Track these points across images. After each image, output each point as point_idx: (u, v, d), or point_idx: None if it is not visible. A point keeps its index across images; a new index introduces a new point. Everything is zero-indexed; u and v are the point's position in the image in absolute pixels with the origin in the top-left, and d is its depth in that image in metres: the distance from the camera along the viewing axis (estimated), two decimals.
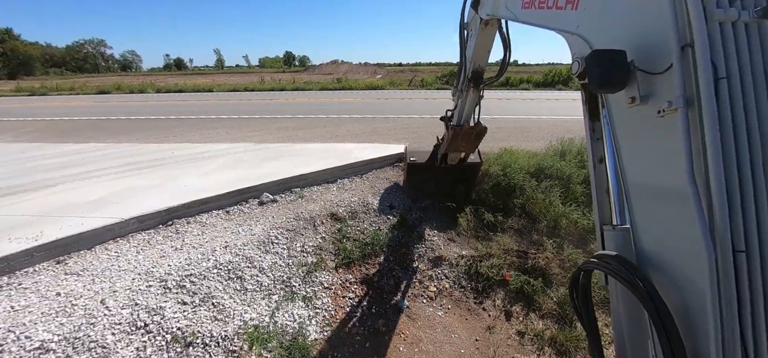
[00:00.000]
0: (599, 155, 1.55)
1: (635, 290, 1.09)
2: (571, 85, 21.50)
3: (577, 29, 1.39)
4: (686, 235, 1.00)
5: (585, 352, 2.94)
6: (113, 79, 34.26)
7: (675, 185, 1.01)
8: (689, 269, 1.01)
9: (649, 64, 1.06)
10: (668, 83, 1.01)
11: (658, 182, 1.10)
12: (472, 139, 3.85)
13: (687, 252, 1.01)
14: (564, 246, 3.95)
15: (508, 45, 2.83)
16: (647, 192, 1.15)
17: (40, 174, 5.48)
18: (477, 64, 3.16)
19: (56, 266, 3.32)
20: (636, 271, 1.14)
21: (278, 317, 3.03)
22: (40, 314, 2.73)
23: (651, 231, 1.16)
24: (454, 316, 3.34)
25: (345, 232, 4.09)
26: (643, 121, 1.12)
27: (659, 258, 1.13)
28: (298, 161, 5.73)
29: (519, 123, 9.42)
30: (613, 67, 1.09)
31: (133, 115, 11.92)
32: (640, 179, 1.19)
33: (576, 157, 5.48)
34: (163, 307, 2.86)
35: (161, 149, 6.92)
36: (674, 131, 0.99)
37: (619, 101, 1.19)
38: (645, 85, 1.09)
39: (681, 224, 1.02)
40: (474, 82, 3.25)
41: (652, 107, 1.06)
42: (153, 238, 3.81)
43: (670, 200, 1.05)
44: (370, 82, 26.82)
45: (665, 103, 1.00)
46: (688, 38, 0.96)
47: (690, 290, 1.02)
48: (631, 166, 1.22)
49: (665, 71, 1.01)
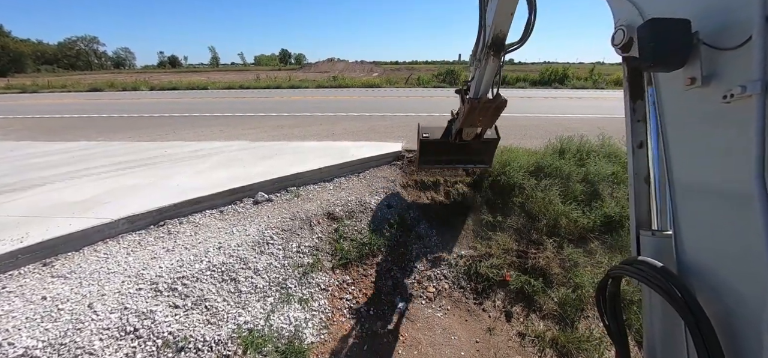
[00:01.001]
0: (639, 140, 1.34)
1: (674, 302, 0.96)
2: (568, 84, 21.57)
3: None
4: (745, 246, 0.86)
5: (586, 354, 2.90)
6: (106, 77, 33.80)
7: (739, 187, 0.86)
8: (743, 283, 0.88)
9: (719, 37, 0.88)
10: (742, 62, 0.83)
11: (715, 182, 0.94)
12: (491, 114, 3.55)
13: (743, 263, 0.87)
14: (564, 245, 3.91)
15: (533, 5, 2.57)
16: (700, 192, 1.00)
17: (27, 173, 5.33)
18: (498, 28, 2.82)
19: (42, 268, 3.21)
20: (676, 280, 1.01)
21: (273, 319, 2.94)
22: (25, 319, 2.62)
23: (699, 237, 1.01)
24: (453, 317, 3.28)
25: (342, 232, 4.01)
26: (703, 107, 0.94)
27: (707, 269, 0.98)
28: (294, 160, 5.63)
29: (517, 121, 9.38)
30: (672, 40, 0.91)
31: (125, 113, 11.72)
32: (690, 177, 1.02)
33: (575, 155, 5.45)
34: (153, 311, 2.76)
35: (154, 148, 6.78)
36: (744, 122, 0.83)
37: (674, 81, 1.01)
38: (710, 64, 0.90)
39: (740, 233, 0.87)
40: (494, 50, 2.92)
41: (716, 91, 0.89)
42: (144, 239, 3.70)
43: (730, 203, 0.90)
44: (366, 81, 26.70)
45: (736, 86, 0.83)
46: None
47: (741, 307, 0.89)
48: (680, 160, 1.05)
49: (740, 47, 0.83)
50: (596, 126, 7.55)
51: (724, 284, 0.93)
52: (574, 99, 14.53)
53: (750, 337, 0.87)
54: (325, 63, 58.55)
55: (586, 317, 3.24)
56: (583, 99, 14.19)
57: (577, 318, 3.19)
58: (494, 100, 3.33)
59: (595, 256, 3.82)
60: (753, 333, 0.86)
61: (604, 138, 5.95)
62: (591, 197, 4.58)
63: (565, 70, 23.15)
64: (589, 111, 11.70)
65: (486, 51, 2.97)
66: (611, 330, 1.35)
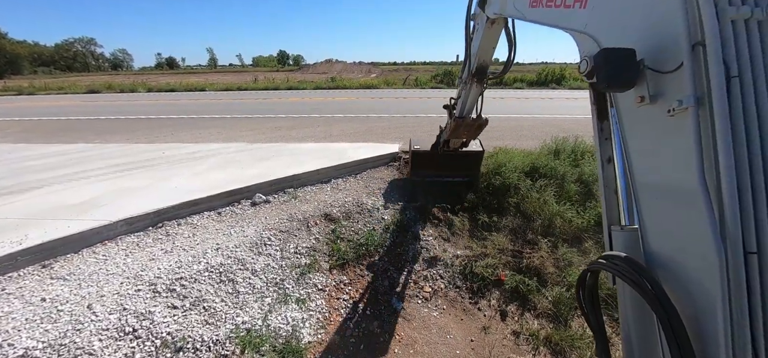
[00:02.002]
0: (607, 155, 1.53)
1: (643, 292, 1.07)
2: (564, 84, 21.66)
3: (585, 28, 1.38)
4: (695, 235, 0.98)
5: (580, 351, 2.94)
6: (103, 79, 33.69)
7: (684, 185, 1.00)
8: (698, 271, 0.99)
9: (659, 63, 1.05)
10: (678, 82, 0.99)
11: (667, 182, 1.08)
12: (474, 130, 3.96)
13: (696, 253, 0.99)
14: (559, 245, 3.95)
15: (513, 44, 2.86)
16: (656, 192, 1.14)
17: (25, 175, 5.34)
18: (482, 59, 3.15)
19: (42, 270, 3.23)
20: (644, 272, 1.12)
21: (271, 319, 2.98)
22: (24, 320, 2.65)
23: (659, 232, 1.15)
24: (449, 316, 3.32)
25: (339, 233, 4.05)
26: (653, 121, 1.11)
27: (668, 259, 1.11)
28: (292, 161, 5.66)
29: (513, 122, 9.45)
30: (622, 66, 1.08)
31: (123, 115, 11.71)
32: (648, 179, 1.17)
33: (570, 156, 5.50)
34: (152, 311, 2.79)
35: (151, 149, 6.80)
36: (684, 131, 0.98)
37: (628, 100, 1.17)
38: (654, 85, 1.07)
39: (690, 224, 1.00)
40: (478, 78, 3.26)
41: (661, 106, 1.05)
42: (142, 240, 3.73)
43: (679, 199, 1.03)
44: (364, 82, 26.74)
45: (675, 102, 0.98)
46: (700, 37, 0.94)
47: (699, 293, 1.00)
48: (639, 166, 1.20)
49: (675, 70, 0.99)
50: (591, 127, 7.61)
51: (684, 273, 1.05)
52: (571, 99, 14.61)
53: (709, 316, 0.97)
54: (323, 64, 58.55)
55: (579, 316, 3.29)
56: (579, 100, 14.26)
57: (570, 317, 3.23)
58: (477, 119, 3.73)
59: (590, 255, 3.87)
60: (709, 312, 0.96)
61: None
62: (585, 197, 4.64)
63: (562, 70, 23.22)
64: (585, 112, 11.73)
65: (470, 77, 3.31)
66: (590, 320, 1.46)
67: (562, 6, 1.54)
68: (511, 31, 2.81)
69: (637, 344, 1.29)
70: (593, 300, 1.42)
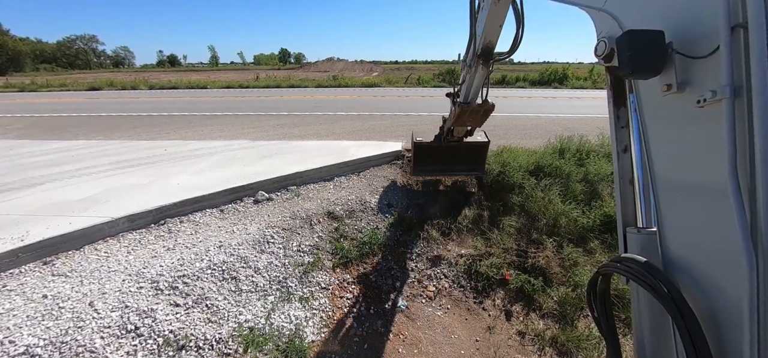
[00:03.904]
0: (624, 144, 1.41)
1: (660, 297, 1.00)
2: (567, 84, 21.58)
3: (604, 5, 1.24)
4: (723, 238, 0.90)
5: (586, 352, 2.90)
6: (105, 76, 33.72)
7: (713, 183, 0.91)
8: (723, 278, 0.92)
9: (691, 46, 0.94)
10: (712, 69, 0.89)
11: (693, 179, 0.99)
12: (480, 116, 3.73)
13: (723, 257, 0.91)
14: (564, 245, 3.91)
15: (521, 20, 2.66)
16: (679, 189, 1.05)
17: (27, 172, 5.32)
18: (487, 39, 2.94)
19: (43, 267, 3.21)
20: (661, 276, 1.05)
21: (274, 318, 2.95)
22: (26, 317, 2.62)
23: (681, 232, 1.06)
24: (453, 316, 3.29)
25: (342, 231, 4.02)
26: (679, 111, 1.01)
27: (689, 264, 1.03)
28: (294, 159, 5.63)
29: (517, 121, 9.40)
30: (648, 50, 0.97)
31: (125, 112, 11.70)
32: (671, 175, 1.08)
33: (575, 155, 5.46)
34: (154, 309, 2.77)
35: (153, 146, 6.78)
36: (716, 124, 0.88)
37: (652, 88, 1.07)
38: (684, 71, 0.97)
39: (717, 226, 0.92)
40: (484, 59, 3.05)
41: (690, 96, 0.95)
42: (144, 238, 3.70)
43: (706, 198, 0.94)
44: (366, 80, 26.69)
45: (708, 92, 0.88)
46: (741, 17, 0.84)
47: (723, 300, 0.92)
48: (661, 160, 1.10)
49: (709, 55, 0.89)
50: (596, 126, 7.56)
51: (706, 278, 0.97)
52: (574, 99, 14.55)
53: (733, 332, 0.90)
54: (325, 62, 58.50)
55: (585, 316, 3.25)
56: (583, 99, 14.21)
57: (576, 317, 3.19)
58: (483, 104, 3.50)
59: (595, 255, 3.83)
60: (734, 321, 0.89)
61: (604, 138, 5.97)
62: (591, 196, 4.59)
63: (564, 70, 23.18)
64: (589, 111, 11.71)
65: (476, 59, 3.09)
66: (601, 326, 1.39)
67: None
68: (520, 7, 2.61)
69: (650, 350, 1.23)
70: (605, 305, 1.35)
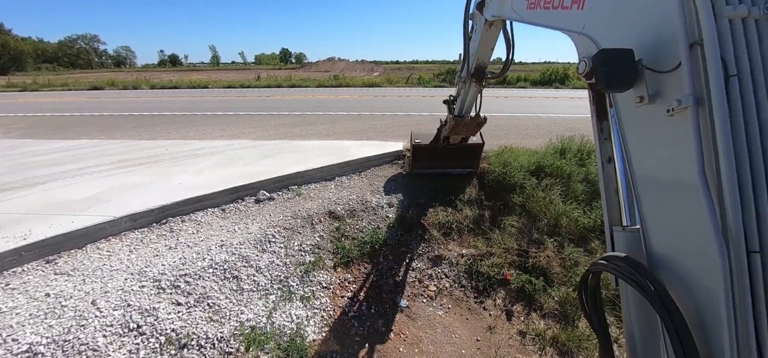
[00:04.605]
0: (607, 155, 1.53)
1: (646, 293, 1.06)
2: (568, 84, 21.55)
3: (583, 29, 1.39)
4: (697, 234, 0.98)
5: (587, 352, 2.91)
6: (107, 75, 33.74)
7: (684, 180, 1.00)
8: (701, 271, 0.99)
9: (657, 62, 1.05)
10: (677, 82, 0.99)
11: (668, 176, 1.08)
12: (473, 128, 4.04)
13: (698, 252, 0.99)
14: (565, 245, 3.91)
15: (511, 44, 2.88)
16: (656, 186, 1.14)
17: (29, 171, 5.34)
18: (480, 60, 3.20)
19: (46, 265, 3.22)
20: (646, 272, 1.11)
21: (275, 317, 2.96)
22: (28, 315, 2.64)
23: (661, 230, 1.14)
24: (454, 315, 3.30)
25: (343, 230, 4.02)
26: (652, 120, 1.11)
27: (669, 259, 1.11)
28: (296, 158, 5.64)
29: (517, 121, 9.39)
30: (620, 66, 1.08)
31: (126, 112, 11.72)
32: (648, 173, 1.17)
33: (576, 155, 5.45)
34: (156, 308, 2.78)
35: (155, 146, 6.80)
36: (684, 130, 0.98)
37: (628, 101, 1.18)
38: (653, 84, 1.08)
39: (690, 221, 1.00)
40: (476, 78, 3.32)
41: (661, 106, 1.05)
42: (146, 237, 3.72)
43: (680, 195, 1.02)
44: (367, 80, 26.69)
45: (674, 102, 0.98)
46: (697, 36, 0.95)
47: (702, 293, 0.99)
48: (639, 163, 1.20)
49: (674, 70, 0.99)
50: None
51: (687, 274, 1.04)
52: (575, 99, 14.52)
53: (713, 317, 0.96)
54: (326, 62, 58.50)
55: None
56: (584, 99, 14.15)
57: (577, 317, 3.20)
58: (475, 118, 3.82)
59: (596, 255, 3.83)
60: (713, 312, 0.96)
61: None
62: (592, 196, 4.59)
63: (565, 70, 23.11)
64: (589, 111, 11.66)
65: (469, 77, 3.35)
66: (593, 322, 1.45)
67: (559, 7, 1.55)
68: (510, 33, 2.84)
69: (640, 345, 1.29)
70: (595, 302, 1.42)
